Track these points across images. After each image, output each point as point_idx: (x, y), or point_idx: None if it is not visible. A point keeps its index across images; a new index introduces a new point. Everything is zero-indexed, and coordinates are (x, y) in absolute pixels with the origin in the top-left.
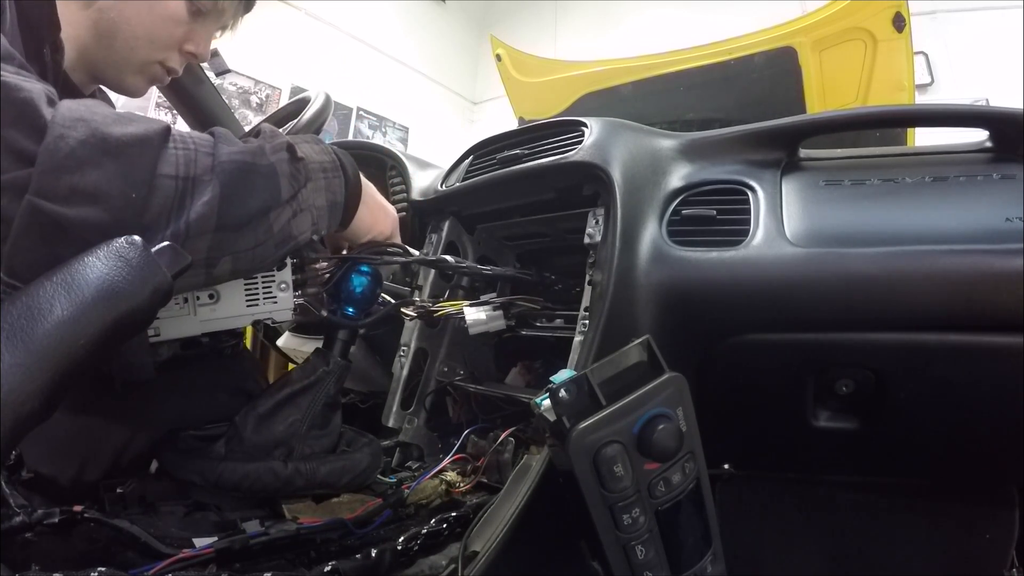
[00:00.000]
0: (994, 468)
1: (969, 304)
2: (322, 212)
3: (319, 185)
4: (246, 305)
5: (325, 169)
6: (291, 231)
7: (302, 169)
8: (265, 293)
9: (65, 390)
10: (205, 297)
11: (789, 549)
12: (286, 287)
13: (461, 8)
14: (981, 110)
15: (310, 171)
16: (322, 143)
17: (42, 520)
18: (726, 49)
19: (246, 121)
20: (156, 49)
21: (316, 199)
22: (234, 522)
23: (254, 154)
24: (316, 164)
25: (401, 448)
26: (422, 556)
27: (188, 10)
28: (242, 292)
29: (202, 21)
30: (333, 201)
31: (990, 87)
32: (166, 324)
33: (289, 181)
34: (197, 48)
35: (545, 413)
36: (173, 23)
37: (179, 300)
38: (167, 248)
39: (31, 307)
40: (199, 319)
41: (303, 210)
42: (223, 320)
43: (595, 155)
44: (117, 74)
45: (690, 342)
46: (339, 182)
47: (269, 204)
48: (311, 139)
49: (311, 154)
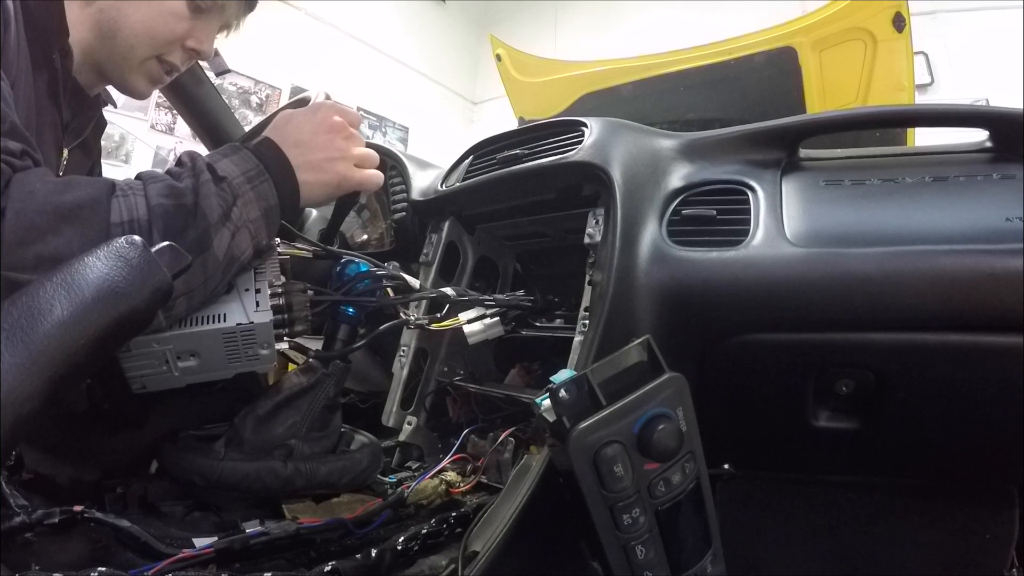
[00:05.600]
0: (994, 468)
1: (969, 304)
2: (258, 224)
3: (248, 198)
4: (228, 362)
5: (250, 179)
6: (233, 253)
7: (226, 188)
8: (246, 353)
9: (65, 390)
10: (186, 356)
11: (789, 549)
12: (268, 346)
13: (461, 8)
14: (981, 110)
15: (235, 187)
16: (241, 151)
17: (42, 520)
18: (726, 49)
19: (246, 121)
20: (156, 45)
21: (249, 212)
22: (234, 522)
23: (177, 193)
24: (240, 178)
25: (401, 448)
26: (422, 556)
27: (188, 6)
28: (223, 353)
29: (203, 17)
30: (267, 208)
31: (990, 87)
32: (150, 380)
33: (218, 202)
34: (199, 45)
35: (545, 413)
36: (173, 19)
37: (160, 361)
38: (167, 248)
39: (31, 307)
40: (181, 376)
41: (239, 228)
42: (206, 375)
43: (595, 155)
44: (120, 73)
45: (690, 342)
46: (268, 186)
47: (205, 237)
48: (228, 151)
49: (231, 169)
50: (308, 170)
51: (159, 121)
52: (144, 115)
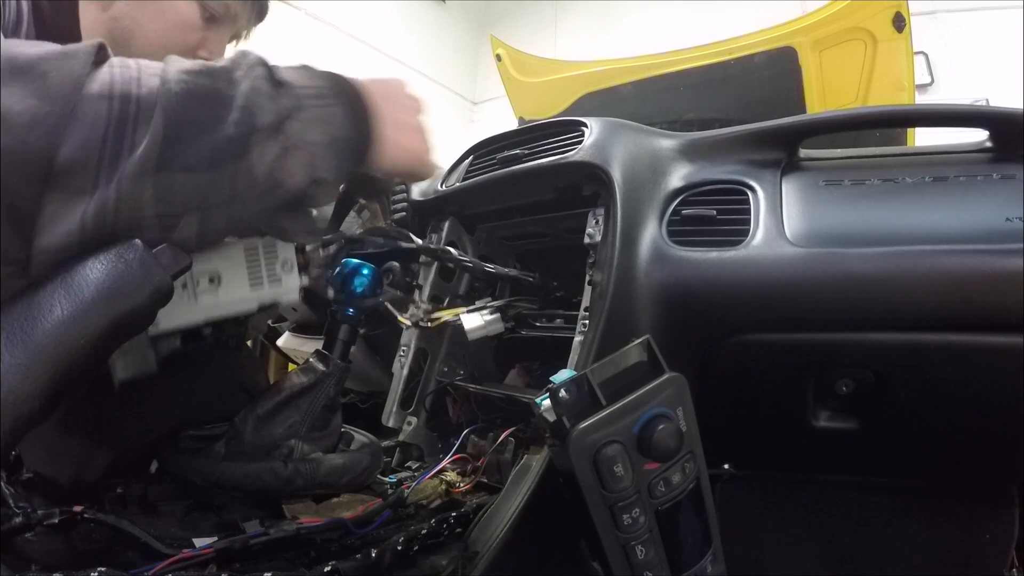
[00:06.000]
0: (994, 468)
1: (969, 304)
2: (321, 151)
3: (311, 115)
4: (250, 288)
5: (321, 95)
6: (279, 176)
7: (285, 95)
8: (269, 274)
9: (65, 390)
10: (205, 282)
11: (789, 549)
12: (291, 266)
13: (461, 8)
14: (981, 110)
15: (298, 97)
16: (313, 68)
17: (42, 521)
18: (726, 49)
19: None
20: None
21: (310, 133)
22: (234, 522)
23: (215, 74)
24: (305, 89)
25: (401, 448)
26: (422, 556)
27: (201, 16)
28: (245, 273)
29: (216, 27)
30: (334, 136)
31: (990, 87)
32: (164, 312)
33: (269, 107)
34: (211, 55)
35: (545, 413)
36: (187, 29)
37: (177, 285)
38: (166, 248)
39: (31, 307)
40: (200, 306)
41: (295, 147)
42: (226, 306)
43: (595, 155)
44: None
45: (690, 342)
46: (340, 111)
47: (243, 139)
48: (298, 64)
49: (295, 77)
50: (392, 126)
51: None
52: None
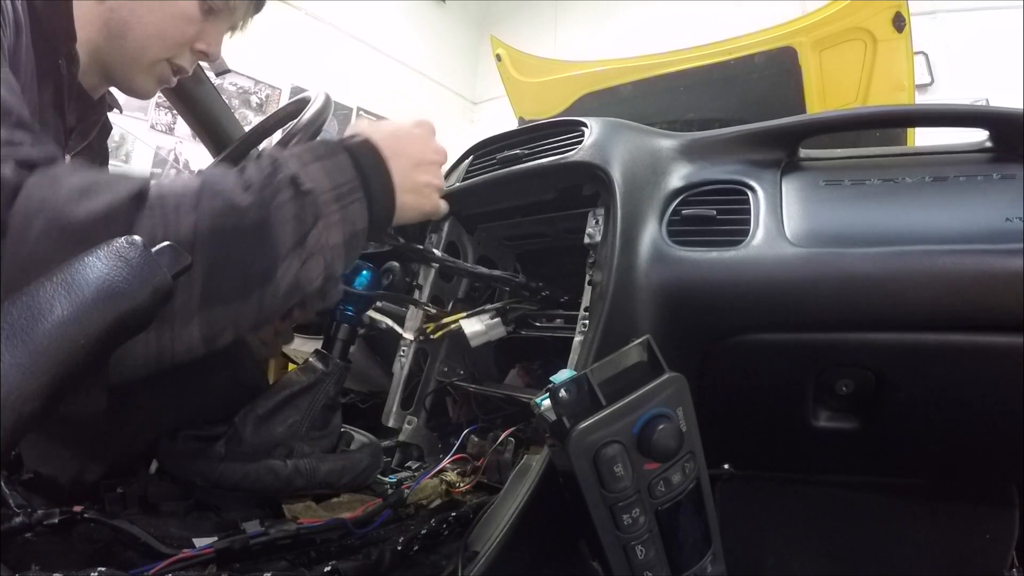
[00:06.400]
0: (994, 467)
1: (969, 304)
2: (337, 251)
3: (332, 220)
4: None
5: (340, 196)
6: (298, 283)
7: (309, 206)
8: None
9: (65, 390)
10: None
11: (789, 549)
12: None
13: (461, 8)
14: (981, 110)
15: (320, 206)
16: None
17: (42, 521)
18: (726, 49)
19: (246, 121)
20: (167, 48)
21: (330, 237)
22: (234, 522)
23: (240, 211)
24: (328, 194)
25: (401, 448)
26: (422, 556)
27: (200, 8)
28: None
29: (214, 19)
30: (353, 232)
31: (990, 87)
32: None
33: (293, 227)
34: (209, 47)
35: (545, 413)
36: (185, 21)
37: None
38: (167, 248)
39: (31, 307)
40: None
41: (313, 255)
42: None
43: (595, 155)
44: (127, 74)
45: (690, 342)
46: (360, 206)
47: (270, 270)
48: (322, 150)
49: (321, 179)
50: (409, 191)
51: (159, 121)
52: (144, 115)
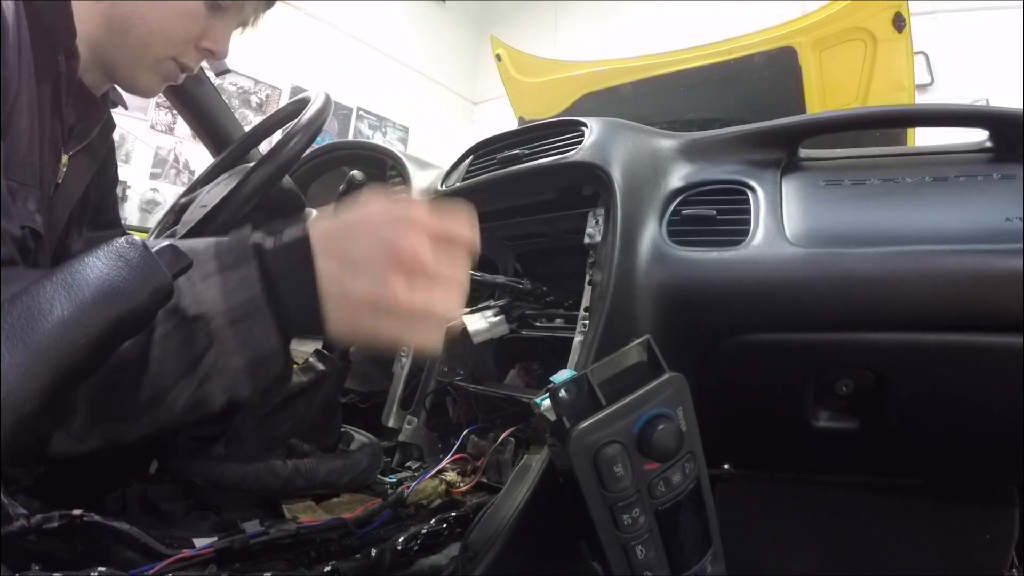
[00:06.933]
0: (994, 468)
1: (969, 304)
2: (239, 375)
3: (228, 346)
4: None
5: (237, 319)
6: (198, 403)
7: (199, 332)
8: None
9: (65, 390)
10: None
11: (789, 549)
12: None
13: (461, 8)
14: (981, 110)
15: (212, 331)
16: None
17: (41, 525)
18: (726, 49)
19: (246, 121)
20: (171, 46)
21: (228, 361)
22: (234, 522)
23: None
24: (222, 317)
25: (401, 448)
26: (422, 556)
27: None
28: None
29: (221, 16)
30: (256, 357)
31: (990, 87)
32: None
33: (180, 356)
34: (215, 45)
35: (545, 413)
36: (189, 19)
37: None
38: (167, 248)
39: (31, 307)
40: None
41: (209, 378)
42: None
43: (595, 155)
44: (130, 72)
45: (690, 342)
46: (263, 328)
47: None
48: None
49: (214, 300)
50: (342, 308)
51: (159, 121)
52: (144, 115)
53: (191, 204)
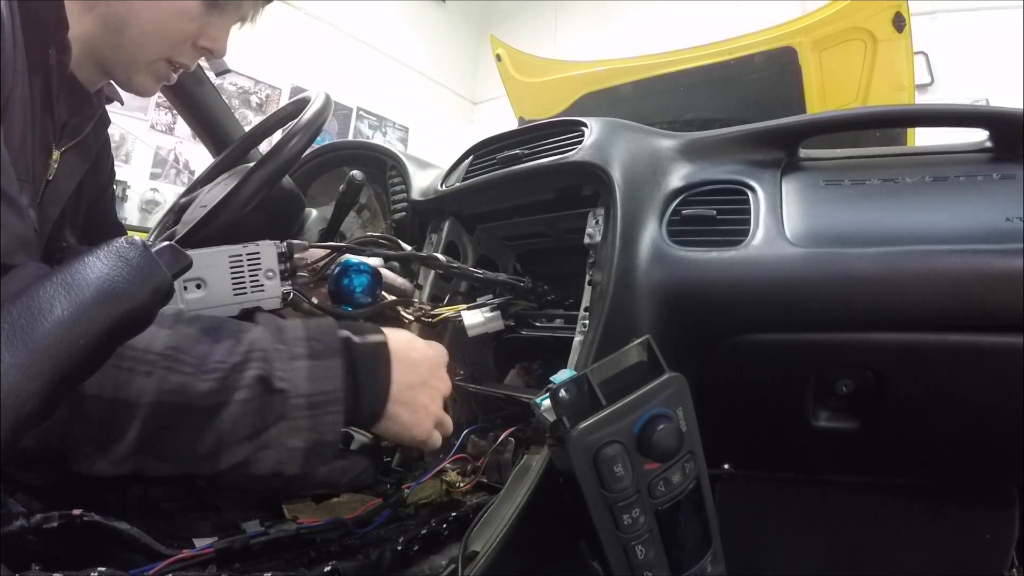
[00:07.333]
0: (994, 468)
1: (969, 304)
2: (295, 455)
3: (298, 425)
4: (233, 294)
5: (315, 405)
6: (244, 467)
7: (276, 404)
8: (252, 281)
9: (65, 390)
10: (192, 286)
11: (789, 549)
12: (273, 275)
13: (461, 8)
14: (981, 110)
15: (288, 408)
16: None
17: (41, 525)
18: (726, 49)
19: (246, 121)
20: (167, 45)
21: (290, 439)
22: (234, 522)
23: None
24: (302, 399)
25: (401, 448)
26: (422, 556)
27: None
28: (229, 281)
29: (219, 14)
30: (316, 442)
31: (990, 87)
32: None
33: (250, 421)
34: (213, 43)
35: (545, 413)
36: (185, 18)
37: None
38: (167, 248)
39: (31, 307)
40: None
41: (266, 449)
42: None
43: (595, 155)
44: (126, 71)
45: (690, 342)
46: (334, 419)
47: (209, 450)
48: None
49: (299, 381)
50: (405, 404)
51: (159, 121)
52: (144, 115)
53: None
